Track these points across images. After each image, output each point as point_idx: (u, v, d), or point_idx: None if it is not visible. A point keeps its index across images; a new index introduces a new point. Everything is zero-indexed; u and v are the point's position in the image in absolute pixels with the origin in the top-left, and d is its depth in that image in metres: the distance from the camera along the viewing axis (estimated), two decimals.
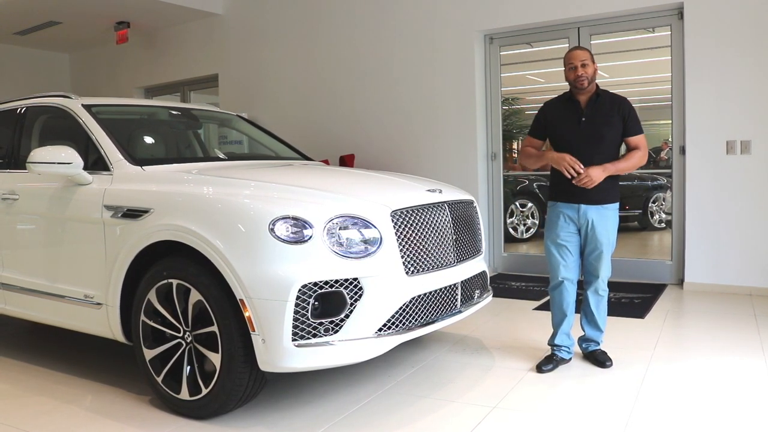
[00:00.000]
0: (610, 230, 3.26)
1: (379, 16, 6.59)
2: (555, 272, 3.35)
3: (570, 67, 3.23)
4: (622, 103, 3.26)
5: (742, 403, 2.83)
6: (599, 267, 3.27)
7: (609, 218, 3.25)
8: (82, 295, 3.18)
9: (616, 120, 3.22)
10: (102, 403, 3.06)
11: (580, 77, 3.19)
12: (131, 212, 2.94)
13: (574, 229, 3.28)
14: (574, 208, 3.24)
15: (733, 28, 4.93)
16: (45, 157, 3.10)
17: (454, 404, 2.92)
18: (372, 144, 6.68)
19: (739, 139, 4.97)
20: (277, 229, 2.54)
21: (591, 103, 3.25)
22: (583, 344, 3.45)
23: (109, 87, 9.01)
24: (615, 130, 3.22)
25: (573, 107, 3.28)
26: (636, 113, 3.27)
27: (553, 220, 3.33)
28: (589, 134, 3.20)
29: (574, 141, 3.22)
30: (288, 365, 2.53)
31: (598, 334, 3.39)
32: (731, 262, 5.06)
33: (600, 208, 3.22)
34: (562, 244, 3.29)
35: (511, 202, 7.01)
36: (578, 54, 3.23)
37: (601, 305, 3.35)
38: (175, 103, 6.99)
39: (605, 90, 3.34)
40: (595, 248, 3.25)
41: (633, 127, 3.24)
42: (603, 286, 3.33)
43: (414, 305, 2.80)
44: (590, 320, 3.38)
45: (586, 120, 3.22)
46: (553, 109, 3.39)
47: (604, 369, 3.29)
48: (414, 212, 2.91)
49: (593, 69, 3.22)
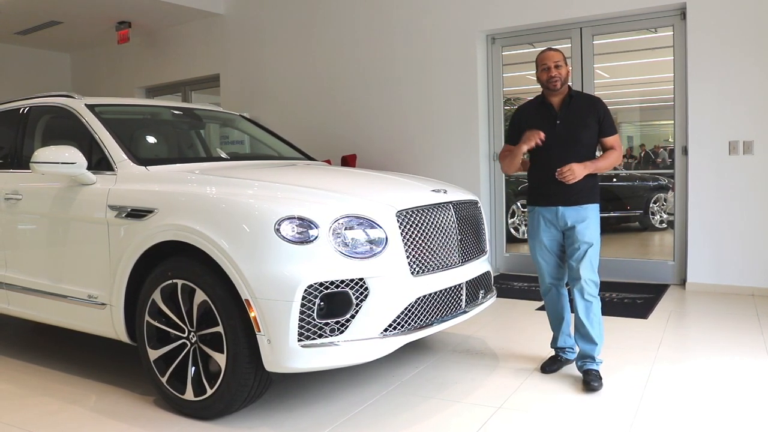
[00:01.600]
0: (592, 230, 3.15)
1: (381, 16, 6.59)
2: (542, 277, 3.32)
3: (543, 68, 3.17)
4: (596, 104, 3.21)
5: (747, 404, 2.83)
6: (580, 267, 3.11)
7: (589, 219, 3.15)
8: (86, 295, 3.17)
9: (591, 121, 3.17)
10: (106, 403, 3.06)
11: (553, 78, 3.13)
12: (136, 212, 2.93)
13: (554, 231, 3.21)
14: (552, 211, 3.18)
15: (735, 28, 4.93)
16: (49, 157, 3.10)
17: (459, 405, 2.91)
18: (374, 144, 6.68)
19: (741, 139, 4.96)
20: (282, 229, 2.53)
21: (565, 105, 3.19)
22: (579, 361, 3.20)
23: (110, 87, 9.00)
24: (591, 131, 3.17)
25: (547, 110, 3.22)
26: (610, 113, 3.22)
27: (534, 225, 3.27)
28: (565, 137, 3.14)
29: (548, 143, 3.13)
30: (293, 366, 2.53)
31: (592, 348, 3.12)
32: (734, 262, 5.06)
33: (578, 209, 3.14)
34: (544, 248, 3.24)
35: (512, 202, 7.01)
36: (551, 55, 3.17)
37: (591, 313, 3.12)
38: (178, 103, 6.99)
39: (578, 91, 3.33)
40: (576, 249, 3.13)
41: (608, 128, 3.19)
42: (589, 290, 3.11)
43: (419, 305, 2.80)
44: (582, 333, 3.14)
45: (561, 123, 3.17)
46: (527, 113, 3.32)
47: (588, 393, 2.99)
48: (419, 212, 2.90)
49: (566, 71, 3.18)
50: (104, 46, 8.97)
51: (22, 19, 7.55)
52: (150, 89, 8.88)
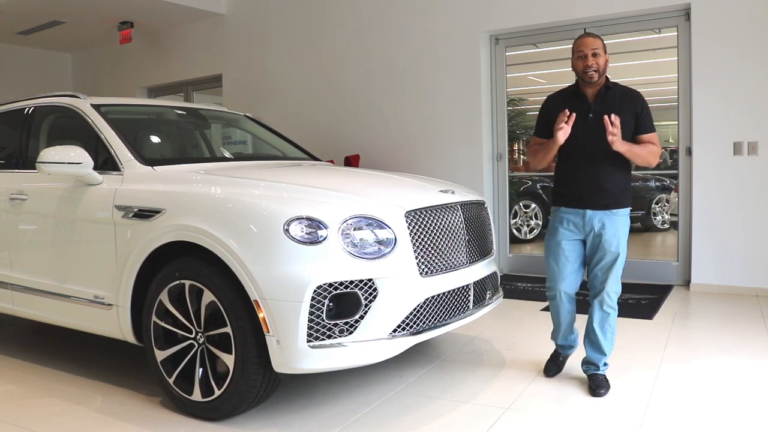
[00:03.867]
0: (621, 239, 2.93)
1: (384, 16, 6.58)
2: (552, 283, 3.08)
3: (579, 55, 2.89)
4: (634, 98, 2.94)
5: (755, 405, 2.82)
6: (606, 279, 2.93)
7: (618, 225, 2.93)
8: (92, 295, 3.16)
9: (627, 116, 2.88)
10: (112, 404, 3.05)
11: (590, 67, 2.85)
12: (143, 212, 2.92)
13: (577, 237, 2.98)
14: (578, 214, 2.95)
15: (740, 29, 4.93)
16: (55, 157, 3.08)
17: (467, 406, 2.90)
18: (377, 144, 6.67)
19: (746, 140, 4.96)
20: (291, 230, 2.52)
21: (600, 97, 2.92)
22: (584, 366, 3.10)
23: (112, 87, 8.99)
24: (626, 127, 2.85)
25: (579, 101, 2.94)
26: (649, 109, 2.95)
27: (555, 227, 3.03)
28: (597, 131, 2.84)
29: (579, 138, 2.88)
30: (302, 366, 2.52)
31: (599, 357, 3.01)
32: (738, 263, 5.06)
33: (608, 213, 2.91)
34: (562, 253, 3.00)
35: (515, 202, 7.00)
36: (589, 41, 2.88)
37: (606, 324, 2.98)
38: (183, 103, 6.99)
39: (616, 83, 3.01)
40: (601, 258, 2.94)
41: (646, 125, 2.92)
42: (609, 302, 2.95)
43: (428, 306, 2.79)
44: (592, 340, 3.00)
45: (594, 116, 2.89)
46: (557, 103, 3.01)
47: (594, 397, 2.93)
48: (428, 213, 2.89)
49: (605, 60, 2.90)
50: (106, 46, 8.96)
51: (26, 19, 7.54)
52: (152, 89, 8.87)
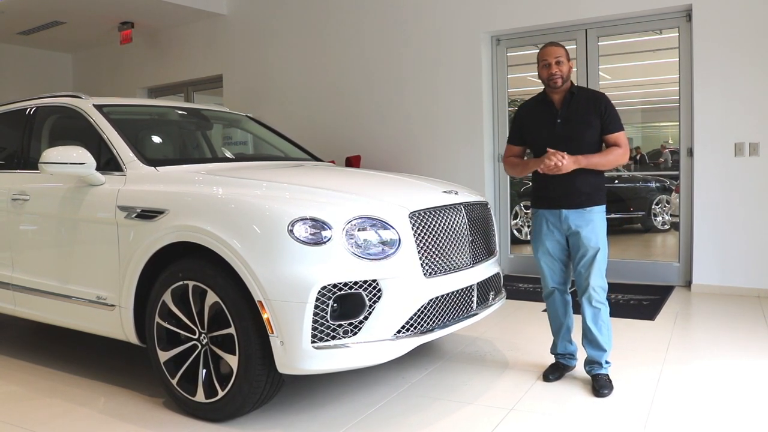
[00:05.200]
0: (598, 234, 3.04)
1: (385, 17, 6.58)
2: (545, 281, 3.22)
3: (543, 64, 3.05)
4: (598, 100, 3.06)
5: (759, 406, 2.82)
6: (589, 274, 3.04)
7: (594, 222, 3.04)
8: (95, 296, 3.15)
9: (593, 119, 3.02)
10: (115, 405, 3.04)
11: (554, 75, 3.01)
12: (146, 213, 2.92)
13: (558, 235, 3.11)
14: (555, 214, 3.08)
15: (741, 29, 4.93)
16: (57, 157, 3.08)
17: (471, 407, 2.90)
18: (378, 145, 6.67)
19: (747, 141, 4.97)
20: (296, 231, 2.52)
21: (566, 103, 3.06)
22: (587, 366, 3.16)
23: (112, 87, 8.98)
24: (593, 129, 3.03)
25: (547, 108, 3.11)
26: (615, 109, 3.06)
27: (537, 228, 3.17)
28: (566, 136, 3.02)
29: (550, 144, 3.02)
30: (307, 367, 2.52)
31: (600, 354, 3.09)
32: (739, 263, 5.06)
33: (582, 212, 3.03)
34: (547, 252, 3.14)
35: (515, 203, 7.00)
36: (553, 50, 3.04)
37: (599, 320, 3.07)
38: (186, 103, 6.98)
39: (581, 87, 3.18)
40: (583, 255, 3.05)
41: (611, 124, 3.03)
42: (597, 297, 3.06)
43: (432, 307, 2.78)
44: (590, 339, 3.10)
45: (561, 121, 3.05)
46: (528, 111, 3.22)
47: (598, 398, 2.96)
48: (432, 214, 2.89)
49: (568, 67, 3.05)
50: (106, 46, 8.95)
51: (26, 19, 7.54)
52: (152, 90, 8.86)
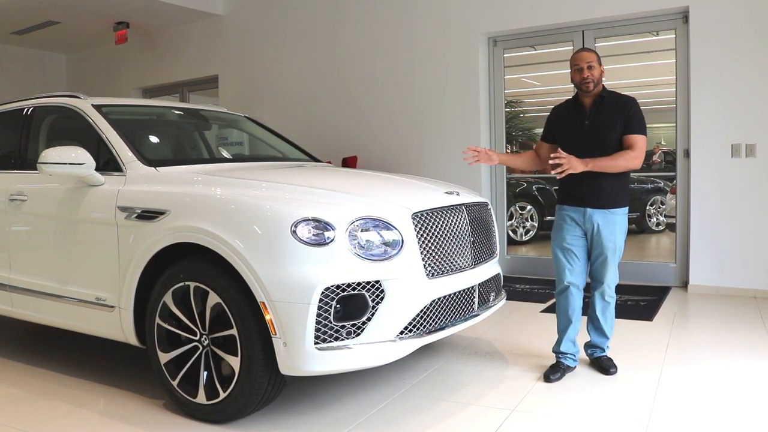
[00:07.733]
0: (617, 236, 3.19)
1: (382, 18, 6.58)
2: (561, 276, 3.31)
3: (576, 68, 3.20)
4: (625, 103, 3.18)
5: (759, 406, 2.83)
6: (605, 273, 3.23)
7: (616, 223, 3.19)
8: (94, 297, 3.13)
9: (618, 122, 3.14)
10: (115, 406, 3.02)
11: (586, 79, 3.16)
12: (146, 214, 2.90)
13: (580, 232, 3.24)
14: (579, 212, 3.21)
15: (738, 31, 4.96)
16: (56, 157, 3.05)
17: (473, 407, 2.90)
18: (374, 146, 6.66)
19: (744, 142, 4.99)
20: (299, 231, 2.51)
21: (595, 106, 3.20)
22: (589, 350, 3.41)
23: (107, 88, 8.93)
24: (618, 132, 3.15)
25: (577, 110, 3.26)
26: (641, 113, 3.17)
27: (560, 224, 3.30)
28: (591, 137, 3.17)
29: (576, 144, 3.17)
30: (310, 369, 2.51)
31: (603, 341, 3.35)
32: (736, 264, 5.09)
33: (606, 212, 3.17)
34: (568, 248, 3.25)
35: (511, 204, 7.01)
36: (585, 55, 3.19)
37: (607, 311, 3.31)
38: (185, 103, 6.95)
39: (613, 91, 3.27)
40: (600, 253, 3.21)
41: (630, 126, 3.13)
42: (609, 292, 3.28)
43: (434, 308, 2.78)
44: (596, 326, 3.34)
45: (588, 123, 3.19)
46: (560, 112, 3.38)
47: (608, 376, 3.25)
48: (434, 214, 2.89)
49: (599, 71, 3.19)
50: (101, 46, 8.90)
51: (20, 18, 7.48)
52: (147, 90, 8.82)
